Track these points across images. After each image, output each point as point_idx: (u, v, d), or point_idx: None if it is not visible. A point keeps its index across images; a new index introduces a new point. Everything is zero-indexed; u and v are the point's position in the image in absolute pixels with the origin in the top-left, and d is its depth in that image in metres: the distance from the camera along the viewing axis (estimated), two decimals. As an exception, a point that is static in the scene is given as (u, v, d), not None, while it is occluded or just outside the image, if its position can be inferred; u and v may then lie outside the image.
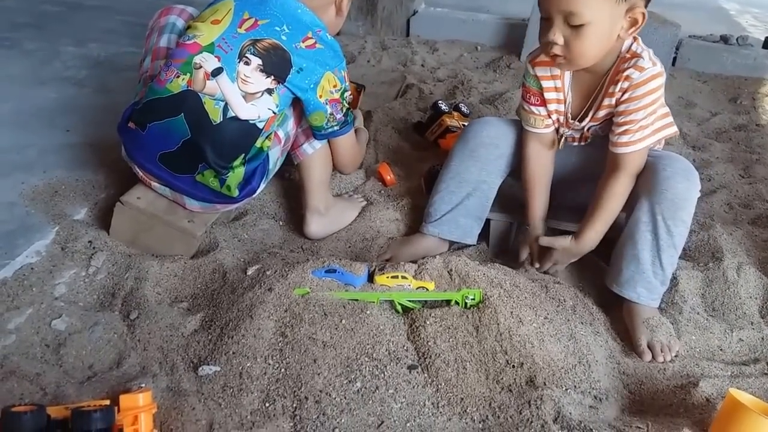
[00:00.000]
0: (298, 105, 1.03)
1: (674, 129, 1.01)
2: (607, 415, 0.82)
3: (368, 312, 0.87)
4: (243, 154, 0.99)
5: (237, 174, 1.00)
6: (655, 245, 0.95)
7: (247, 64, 0.94)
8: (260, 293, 0.89)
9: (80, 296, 0.96)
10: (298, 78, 0.97)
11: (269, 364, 0.81)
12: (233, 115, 0.95)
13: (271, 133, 1.01)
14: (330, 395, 0.78)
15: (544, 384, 0.81)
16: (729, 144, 1.69)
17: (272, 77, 0.95)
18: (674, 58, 2.18)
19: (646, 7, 0.89)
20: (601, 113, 0.99)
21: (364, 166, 1.41)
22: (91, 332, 0.88)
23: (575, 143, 1.08)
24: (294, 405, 0.77)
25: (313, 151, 1.10)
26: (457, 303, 0.92)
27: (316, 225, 1.15)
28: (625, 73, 0.92)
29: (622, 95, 0.94)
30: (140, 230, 1.05)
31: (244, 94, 0.95)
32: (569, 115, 1.03)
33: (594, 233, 0.99)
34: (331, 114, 1.02)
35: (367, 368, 0.80)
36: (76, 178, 1.19)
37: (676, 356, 0.93)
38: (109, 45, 1.88)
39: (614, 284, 0.99)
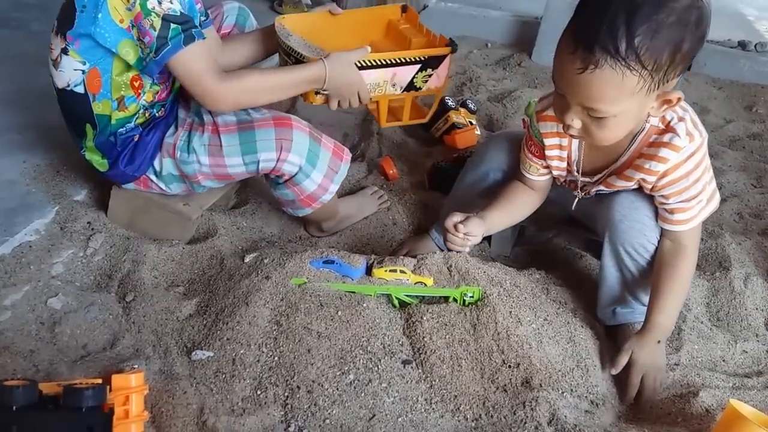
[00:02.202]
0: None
1: (717, 200, 0.87)
2: (603, 420, 0.80)
3: (365, 305, 0.86)
4: (88, 124, 0.93)
5: (90, 148, 0.96)
6: (622, 279, 0.92)
7: (52, 30, 0.89)
8: (257, 281, 0.89)
9: (77, 276, 0.96)
10: (84, 18, 0.83)
11: (263, 352, 0.81)
12: (56, 85, 0.92)
13: (113, 99, 0.90)
14: (322, 386, 0.77)
15: (540, 386, 0.80)
16: (742, 152, 1.66)
17: (60, 35, 0.87)
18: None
19: (680, 74, 0.72)
20: (620, 183, 0.86)
21: (367, 159, 1.40)
22: (87, 312, 0.88)
23: (576, 192, 0.94)
24: (286, 394, 0.77)
25: (301, 214, 1.02)
26: (455, 300, 0.91)
27: (317, 233, 1.15)
28: (661, 153, 0.79)
29: (660, 180, 0.81)
30: (136, 213, 1.05)
31: (52, 62, 0.90)
32: (576, 173, 0.91)
33: (664, 317, 0.84)
34: (139, 40, 0.83)
35: (361, 361, 0.80)
36: (78, 159, 1.18)
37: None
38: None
39: (604, 318, 0.95)
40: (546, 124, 0.89)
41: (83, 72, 0.89)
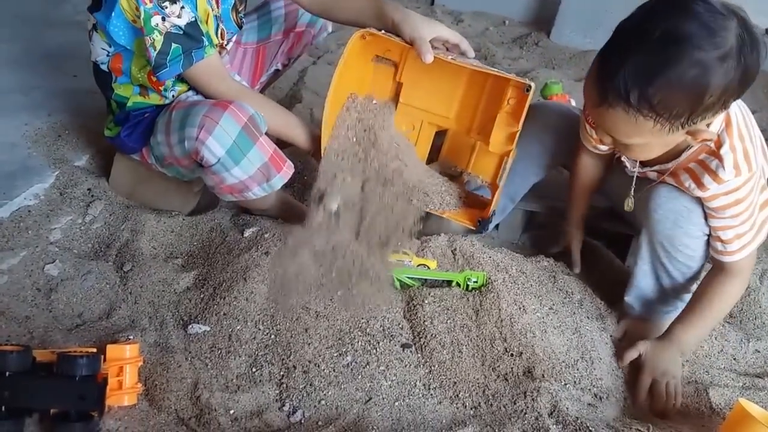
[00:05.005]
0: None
1: (763, 236, 0.81)
2: (606, 414, 0.78)
3: (365, 285, 0.84)
4: (110, 99, 0.94)
5: (109, 118, 0.96)
6: (656, 277, 0.87)
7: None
8: (256, 256, 0.87)
9: (75, 243, 0.95)
10: (106, 7, 0.82)
11: (259, 329, 0.79)
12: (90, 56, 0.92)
13: (134, 85, 0.89)
14: (319, 366, 0.75)
15: (543, 376, 0.78)
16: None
17: (91, 12, 0.86)
18: (717, 50, 2.03)
19: (719, 112, 0.68)
20: (673, 182, 0.82)
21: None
22: (84, 280, 0.86)
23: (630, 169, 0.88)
24: (281, 373, 0.76)
25: (225, 199, 0.91)
26: (458, 284, 0.88)
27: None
28: (704, 180, 0.75)
29: (705, 202, 0.78)
30: (139, 182, 1.02)
31: (87, 32, 0.89)
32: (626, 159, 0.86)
33: (692, 335, 0.82)
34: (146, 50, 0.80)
35: (360, 343, 0.78)
36: (80, 124, 1.17)
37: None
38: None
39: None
40: None
41: (108, 54, 0.88)
